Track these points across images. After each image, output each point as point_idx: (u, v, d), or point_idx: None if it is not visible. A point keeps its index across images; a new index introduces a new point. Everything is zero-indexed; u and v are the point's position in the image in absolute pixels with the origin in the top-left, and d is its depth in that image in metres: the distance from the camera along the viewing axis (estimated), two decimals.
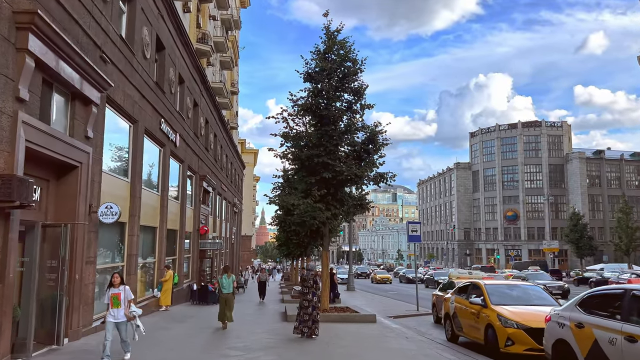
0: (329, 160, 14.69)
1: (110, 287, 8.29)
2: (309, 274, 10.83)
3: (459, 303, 10.49)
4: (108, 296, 8.18)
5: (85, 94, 10.06)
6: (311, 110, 15.45)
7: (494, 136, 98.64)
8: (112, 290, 8.21)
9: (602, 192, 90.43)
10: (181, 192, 21.38)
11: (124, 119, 13.62)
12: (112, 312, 8.14)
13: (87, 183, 10.38)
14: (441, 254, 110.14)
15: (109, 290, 8.24)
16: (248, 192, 76.07)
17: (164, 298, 17.07)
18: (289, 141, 15.71)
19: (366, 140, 15.37)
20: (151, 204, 16.75)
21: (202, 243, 25.38)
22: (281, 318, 15.03)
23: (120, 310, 8.16)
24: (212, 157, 29.22)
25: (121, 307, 8.14)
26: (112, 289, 8.22)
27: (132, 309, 8.33)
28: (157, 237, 17.40)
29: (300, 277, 11.13)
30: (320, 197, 14.45)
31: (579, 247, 55.52)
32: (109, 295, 8.18)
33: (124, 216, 13.66)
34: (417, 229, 18.64)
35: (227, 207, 38.33)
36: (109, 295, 8.18)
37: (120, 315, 8.17)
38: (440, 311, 14.32)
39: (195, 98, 23.54)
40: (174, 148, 19.03)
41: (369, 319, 13.83)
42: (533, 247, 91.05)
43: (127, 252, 13.90)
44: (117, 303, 8.13)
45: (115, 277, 8.32)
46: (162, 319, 14.79)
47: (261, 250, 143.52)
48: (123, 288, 8.26)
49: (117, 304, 8.13)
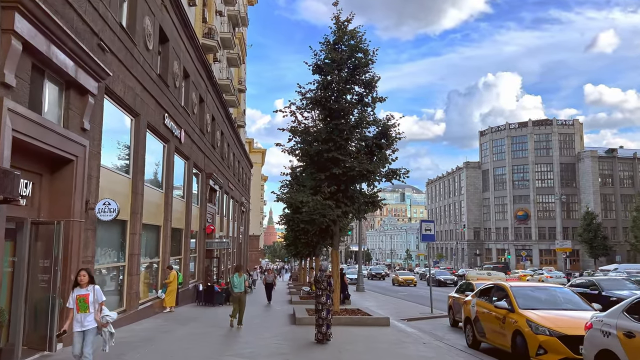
0: (339, 155, 14.00)
1: (75, 287, 6.87)
2: (323, 275, 10.12)
3: (481, 306, 9.74)
4: (73, 299, 6.77)
5: (81, 83, 9.44)
6: (320, 104, 14.78)
7: (504, 135, 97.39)
8: (77, 292, 6.79)
9: (615, 191, 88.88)
10: (186, 190, 20.77)
11: (124, 111, 13.00)
12: (79, 317, 6.70)
13: (84, 178, 9.76)
14: (450, 254, 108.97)
15: (74, 292, 6.83)
16: (256, 191, 75.59)
17: (168, 299, 16.46)
18: (297, 136, 15.04)
19: (378, 135, 14.66)
20: (155, 201, 16.14)
21: (208, 242, 24.77)
22: (290, 321, 14.35)
23: (89, 315, 6.73)
24: (219, 155, 28.62)
25: (89, 312, 6.73)
26: (78, 290, 6.79)
27: (104, 314, 6.90)
28: (161, 236, 16.79)
29: (313, 279, 10.39)
30: (330, 194, 13.76)
31: (592, 247, 54.32)
32: (73, 297, 6.77)
33: (125, 214, 13.05)
34: (430, 227, 17.89)
35: (235, 206, 37.75)
36: (74, 297, 6.76)
37: (89, 321, 6.72)
38: (458, 314, 13.59)
39: (201, 94, 22.93)
40: (178, 144, 18.41)
41: (382, 322, 13.12)
42: (544, 247, 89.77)
43: (128, 252, 13.28)
44: (85, 307, 6.72)
45: (81, 275, 6.85)
46: (166, 320, 14.17)
47: (269, 250, 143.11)
48: (92, 288, 6.82)
49: (84, 308, 6.71)
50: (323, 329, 9.79)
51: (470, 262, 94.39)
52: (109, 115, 11.81)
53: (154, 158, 16.24)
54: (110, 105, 11.93)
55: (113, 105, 12.17)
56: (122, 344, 9.90)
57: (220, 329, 12.63)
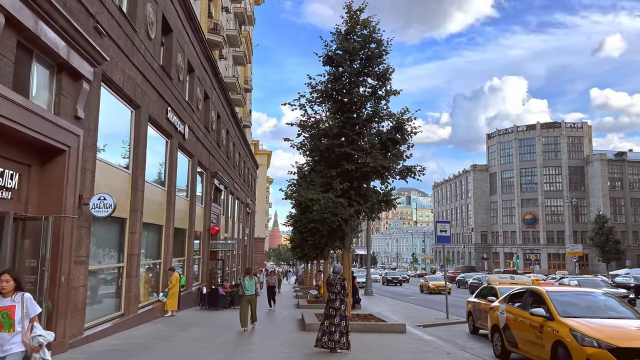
0: (352, 150, 13.16)
1: None
2: (336, 277, 9.24)
3: (512, 313, 8.83)
4: None
5: (74, 67, 8.65)
6: (331, 97, 13.95)
7: (511, 137, 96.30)
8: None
9: (625, 194, 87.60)
10: (190, 189, 19.97)
11: (124, 102, 12.22)
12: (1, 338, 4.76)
13: (77, 171, 8.96)
14: (457, 258, 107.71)
15: None
16: (261, 193, 74.77)
17: (170, 302, 15.63)
18: (307, 131, 14.22)
19: (392, 129, 13.80)
20: (156, 199, 15.35)
21: (212, 244, 23.97)
22: (298, 327, 13.48)
23: (14, 335, 4.77)
24: (224, 154, 27.85)
25: (15, 331, 4.76)
26: (0, 300, 4.84)
27: (35, 333, 4.89)
28: (162, 236, 15.99)
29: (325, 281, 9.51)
30: (342, 192, 12.90)
31: (604, 251, 53.11)
32: None
33: (124, 211, 12.26)
34: (446, 228, 16.99)
35: (240, 208, 36.95)
36: None
37: (13, 343, 4.75)
38: (479, 321, 12.69)
39: (206, 90, 22.16)
40: (182, 140, 17.63)
41: (397, 328, 12.22)
42: (552, 250, 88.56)
43: (127, 252, 12.47)
44: (9, 324, 4.76)
45: (2, 280, 4.85)
46: (166, 326, 13.33)
47: (274, 253, 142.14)
48: (20, 298, 4.87)
49: (8, 326, 4.76)
50: (335, 336, 8.89)
51: (477, 266, 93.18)
52: (106, 105, 11.02)
53: (155, 154, 15.46)
54: (108, 95, 11.14)
55: (111, 95, 11.38)
56: (115, 352, 9.08)
57: (224, 335, 11.78)
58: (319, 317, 13.58)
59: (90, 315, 10.42)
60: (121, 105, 12.14)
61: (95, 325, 10.54)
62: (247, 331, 12.46)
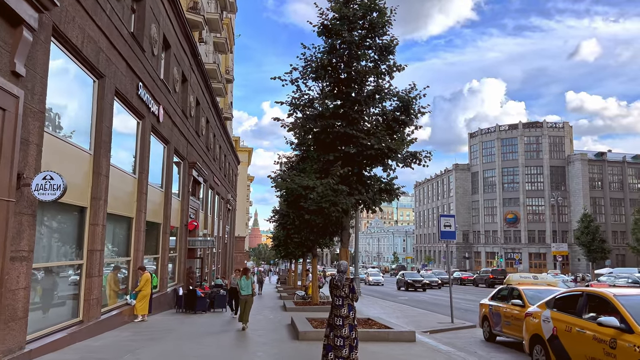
0: (352, 131, 11.44)
1: None
2: (342, 277, 7.46)
3: (563, 322, 7.12)
4: None
5: (11, 6, 6.70)
6: (327, 71, 12.20)
7: (494, 137, 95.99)
8: None
9: (604, 194, 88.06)
10: (166, 179, 17.98)
11: (84, 68, 10.25)
12: None
13: (15, 142, 7.02)
14: (439, 257, 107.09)
15: None
16: (242, 191, 72.47)
17: (140, 306, 13.67)
18: (299, 110, 12.43)
19: (397, 108, 12.11)
20: (125, 188, 13.39)
21: (190, 240, 21.99)
22: (290, 334, 11.65)
23: None
24: (203, 145, 25.83)
25: None
26: None
27: None
28: (132, 230, 14.01)
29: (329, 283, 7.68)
30: (340, 179, 11.15)
31: (590, 250, 52.53)
32: None
33: (84, 198, 10.31)
34: (450, 223, 15.37)
35: (220, 204, 34.88)
36: None
37: None
38: (497, 327, 11.07)
39: (184, 71, 20.17)
40: (156, 123, 15.66)
41: (406, 337, 10.52)
42: (534, 250, 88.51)
43: (88, 247, 10.51)
44: None
45: None
46: (135, 333, 11.38)
47: (254, 252, 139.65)
48: None
49: None
50: (344, 352, 7.11)
51: (459, 265, 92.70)
52: (60, 67, 9.09)
53: (124, 135, 13.50)
54: (62, 55, 9.18)
55: (67, 56, 9.42)
56: None
57: (203, 346, 9.93)
58: (313, 323, 11.83)
59: (37, 325, 8.47)
60: (80, 72, 10.18)
61: (42, 337, 8.57)
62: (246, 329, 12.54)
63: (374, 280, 48.82)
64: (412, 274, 42.25)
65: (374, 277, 50.53)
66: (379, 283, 48.40)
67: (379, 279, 49.86)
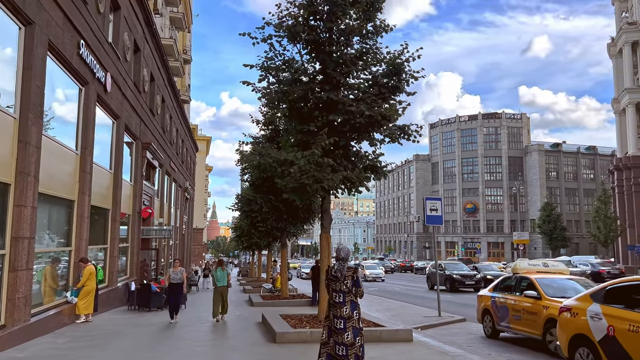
0: (338, 97, 9.79)
1: None
2: (343, 266, 5.79)
3: (627, 320, 5.61)
4: None
5: None
6: (306, 31, 10.43)
7: (454, 127, 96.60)
8: None
9: (560, 184, 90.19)
10: (115, 159, 15.81)
11: (5, 9, 8.14)
12: None
13: None
14: (400, 247, 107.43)
15: None
16: (200, 181, 69.69)
17: (82, 304, 11.61)
18: (272, 74, 10.63)
19: (388, 72, 10.50)
20: (64, 165, 11.28)
21: (145, 230, 19.81)
22: (264, 336, 9.90)
23: None
24: (159, 126, 23.55)
25: None
26: None
27: None
28: (74, 215, 11.90)
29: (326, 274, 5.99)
30: (325, 152, 9.46)
31: (552, 238, 53.08)
32: None
33: (6, 173, 8.24)
34: (437, 206, 13.98)
35: (178, 192, 32.51)
36: None
37: None
38: (503, 321, 9.73)
39: (136, 39, 17.91)
40: (103, 93, 13.51)
41: (401, 335, 9.00)
42: (492, 239, 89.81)
43: (12, 234, 8.44)
44: None
45: None
46: (73, 339, 9.37)
47: (212, 245, 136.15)
48: None
49: None
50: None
51: (419, 255, 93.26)
52: None
53: (61, 101, 11.36)
54: None
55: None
56: None
57: (156, 354, 8.10)
58: (290, 321, 10.18)
59: None
60: (1, 15, 8.05)
61: None
62: (219, 322, 12.25)
63: (373, 275, 37.06)
64: (455, 265, 28.98)
65: (372, 270, 38.45)
66: (377, 278, 36.92)
67: (379, 273, 38.03)
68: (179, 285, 12.57)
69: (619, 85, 49.78)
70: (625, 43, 48.34)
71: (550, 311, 8.23)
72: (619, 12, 52.09)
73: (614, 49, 51.56)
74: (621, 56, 49.64)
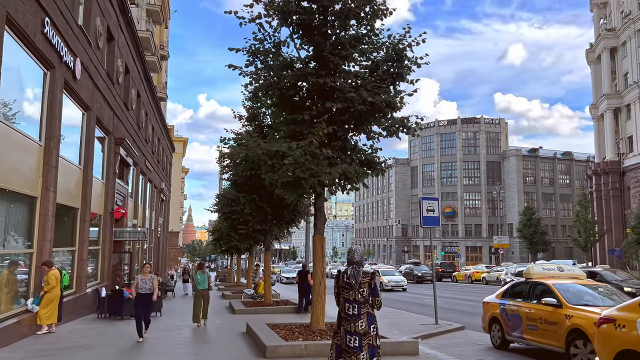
0: (333, 82, 8.85)
1: None
2: (357, 272, 4.78)
3: None
4: None
5: None
6: (299, 9, 9.48)
7: (433, 132, 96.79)
8: None
9: (537, 189, 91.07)
10: (85, 154, 14.54)
11: None
12: None
13: None
14: (379, 251, 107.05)
15: None
16: (176, 183, 67.91)
17: (45, 313, 10.36)
18: (261, 58, 9.64)
19: (389, 57, 9.60)
20: (25, 156, 10.06)
21: (117, 232, 18.50)
22: (251, 349, 8.83)
23: None
24: (134, 121, 22.25)
25: None
26: None
27: None
28: (36, 213, 10.64)
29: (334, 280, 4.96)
30: (320, 143, 8.48)
31: (532, 242, 53.12)
32: None
33: None
34: (433, 207, 13.15)
35: (153, 193, 31.07)
36: None
37: None
38: (515, 331, 8.86)
39: (110, 27, 16.68)
40: (71, 80, 12.29)
41: (406, 348, 8.06)
42: (470, 243, 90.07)
43: None
44: None
45: None
46: (31, 354, 8.16)
47: (188, 249, 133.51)
48: None
49: None
50: None
51: (398, 259, 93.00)
52: None
53: (22, 85, 10.14)
54: None
55: None
56: None
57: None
58: (280, 332, 9.15)
59: None
60: None
61: None
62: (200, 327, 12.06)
63: (392, 284, 29.12)
64: None
65: (390, 277, 29.88)
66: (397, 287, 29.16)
67: (399, 281, 29.73)
68: (149, 295, 10.23)
69: (597, 91, 50.18)
70: (603, 49, 48.74)
71: (574, 320, 7.39)
72: (597, 18, 52.60)
73: (592, 55, 51.98)
74: (599, 62, 50.06)
